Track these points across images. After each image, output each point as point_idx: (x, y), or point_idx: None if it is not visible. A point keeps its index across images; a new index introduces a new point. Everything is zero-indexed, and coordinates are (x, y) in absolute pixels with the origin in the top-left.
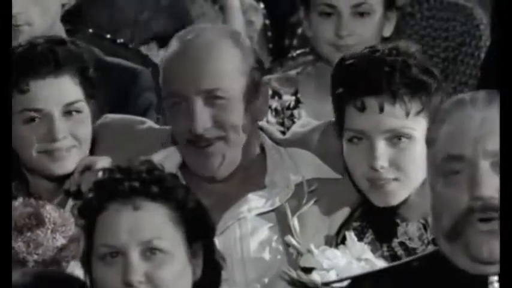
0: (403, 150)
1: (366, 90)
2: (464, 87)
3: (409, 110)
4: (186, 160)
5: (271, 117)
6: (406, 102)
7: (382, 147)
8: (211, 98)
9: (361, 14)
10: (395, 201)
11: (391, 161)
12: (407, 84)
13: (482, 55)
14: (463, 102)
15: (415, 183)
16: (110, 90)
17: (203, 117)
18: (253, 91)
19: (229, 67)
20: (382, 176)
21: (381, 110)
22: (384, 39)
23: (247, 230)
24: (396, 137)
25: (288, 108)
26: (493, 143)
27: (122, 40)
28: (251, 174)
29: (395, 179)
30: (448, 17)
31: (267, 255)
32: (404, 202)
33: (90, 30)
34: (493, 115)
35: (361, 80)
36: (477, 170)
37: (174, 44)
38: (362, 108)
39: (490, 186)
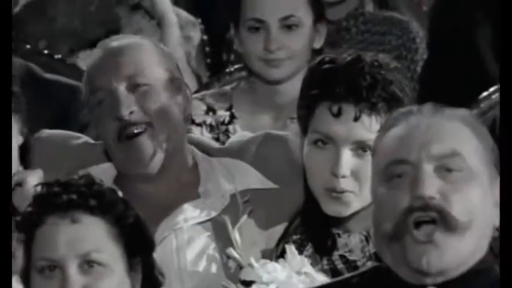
0: (366, 163)
1: (345, 97)
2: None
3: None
4: (118, 162)
5: (206, 133)
6: (382, 116)
7: (347, 156)
8: (133, 85)
9: (290, 27)
10: (347, 212)
11: (352, 172)
12: (386, 98)
13: (419, 68)
14: (410, 112)
15: (367, 197)
16: (50, 107)
17: (127, 102)
18: (175, 87)
19: (148, 58)
20: (341, 185)
21: (356, 119)
22: (315, 52)
23: (184, 241)
24: (362, 149)
25: (223, 123)
26: (438, 148)
27: (59, 56)
28: (185, 185)
29: (352, 191)
30: (383, 31)
31: (203, 265)
32: (354, 214)
33: (28, 46)
34: (438, 122)
35: (342, 86)
36: (420, 172)
37: (96, 50)
38: (338, 114)
39: (432, 187)
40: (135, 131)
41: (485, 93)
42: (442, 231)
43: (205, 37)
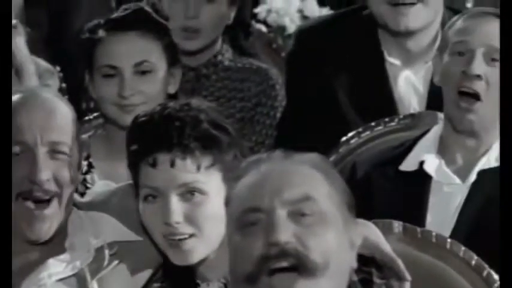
0: (197, 205)
1: (157, 146)
2: (262, 147)
3: (200, 164)
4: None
5: None
6: (197, 156)
7: (175, 203)
8: (53, 151)
9: (144, 73)
10: (193, 259)
11: (186, 217)
12: (198, 138)
13: (278, 114)
14: (260, 160)
15: (213, 240)
16: None
17: (45, 168)
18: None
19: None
20: (178, 231)
21: (172, 165)
22: (170, 96)
23: None
24: (189, 192)
25: (81, 173)
26: (290, 193)
27: None
28: (52, 239)
29: (192, 235)
30: (243, 78)
31: None
32: (204, 261)
33: None
34: (289, 168)
35: (152, 136)
36: (274, 218)
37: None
38: (154, 164)
39: (287, 232)
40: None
41: (344, 138)
42: (300, 277)
43: (64, 85)
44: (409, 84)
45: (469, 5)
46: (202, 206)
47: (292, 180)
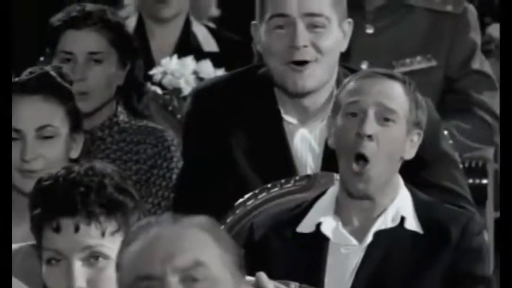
0: (101, 270)
1: (61, 211)
2: (158, 209)
3: (105, 229)
4: None
5: None
6: (102, 222)
7: (78, 267)
8: None
9: (46, 137)
10: None
11: (89, 282)
12: (103, 204)
13: (174, 176)
14: (149, 224)
15: None
16: None
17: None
18: None
19: None
20: None
21: (76, 230)
22: (72, 161)
23: None
24: (93, 257)
25: None
26: (180, 260)
27: None
28: None
29: None
30: (138, 140)
31: None
32: None
33: None
34: (178, 232)
35: (56, 201)
36: (166, 285)
37: None
38: (57, 229)
39: None
40: None
41: (240, 200)
42: None
43: None
44: (305, 143)
45: (363, 65)
46: (106, 271)
47: (183, 245)
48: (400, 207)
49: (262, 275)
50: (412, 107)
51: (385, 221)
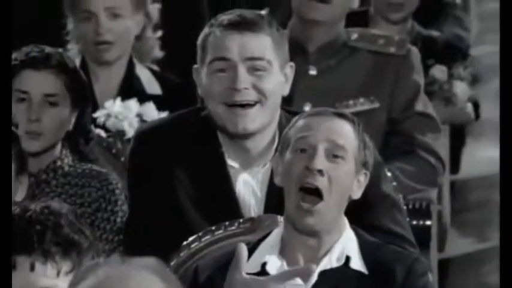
0: None
1: (17, 249)
2: (103, 252)
3: (60, 269)
4: None
5: None
6: (58, 261)
7: None
8: None
9: None
10: None
11: None
12: (59, 243)
13: (119, 219)
14: (98, 264)
15: None
16: None
17: None
18: None
19: None
20: None
21: (32, 268)
22: (15, 203)
23: None
24: None
25: None
26: None
27: None
28: None
29: None
30: (83, 183)
31: None
32: None
33: None
34: (127, 273)
35: (14, 238)
36: None
37: None
38: (13, 267)
39: None
40: None
41: (184, 243)
42: None
43: None
44: (248, 187)
45: (306, 107)
46: None
47: (130, 287)
48: (345, 247)
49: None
50: (360, 146)
51: (330, 261)
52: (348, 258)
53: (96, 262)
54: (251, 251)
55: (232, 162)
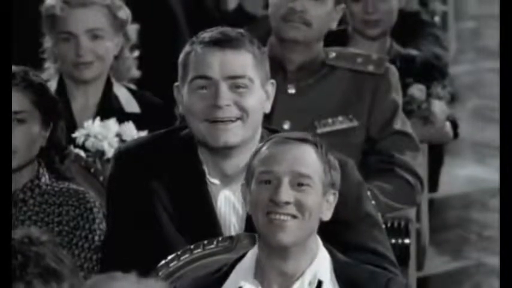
0: None
1: None
2: (81, 271)
3: None
4: None
5: None
6: None
7: None
8: None
9: None
10: None
11: None
12: (40, 273)
13: (97, 238)
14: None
15: None
16: None
17: None
18: None
19: None
20: None
21: None
22: None
23: None
24: None
25: None
26: None
27: None
28: None
29: None
30: (60, 202)
31: None
32: None
33: None
34: None
35: None
36: None
37: None
38: None
39: None
40: None
41: (163, 262)
42: None
43: None
44: (228, 204)
45: (285, 126)
46: None
47: None
48: (318, 270)
49: None
50: (326, 169)
51: (303, 285)
52: (320, 283)
53: (112, 274)
54: (227, 274)
55: (213, 179)
